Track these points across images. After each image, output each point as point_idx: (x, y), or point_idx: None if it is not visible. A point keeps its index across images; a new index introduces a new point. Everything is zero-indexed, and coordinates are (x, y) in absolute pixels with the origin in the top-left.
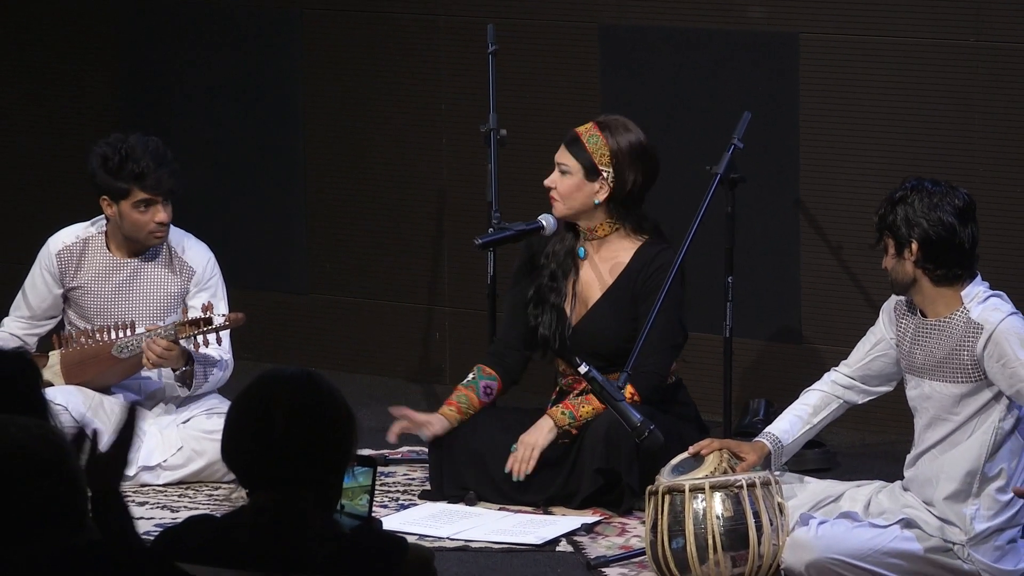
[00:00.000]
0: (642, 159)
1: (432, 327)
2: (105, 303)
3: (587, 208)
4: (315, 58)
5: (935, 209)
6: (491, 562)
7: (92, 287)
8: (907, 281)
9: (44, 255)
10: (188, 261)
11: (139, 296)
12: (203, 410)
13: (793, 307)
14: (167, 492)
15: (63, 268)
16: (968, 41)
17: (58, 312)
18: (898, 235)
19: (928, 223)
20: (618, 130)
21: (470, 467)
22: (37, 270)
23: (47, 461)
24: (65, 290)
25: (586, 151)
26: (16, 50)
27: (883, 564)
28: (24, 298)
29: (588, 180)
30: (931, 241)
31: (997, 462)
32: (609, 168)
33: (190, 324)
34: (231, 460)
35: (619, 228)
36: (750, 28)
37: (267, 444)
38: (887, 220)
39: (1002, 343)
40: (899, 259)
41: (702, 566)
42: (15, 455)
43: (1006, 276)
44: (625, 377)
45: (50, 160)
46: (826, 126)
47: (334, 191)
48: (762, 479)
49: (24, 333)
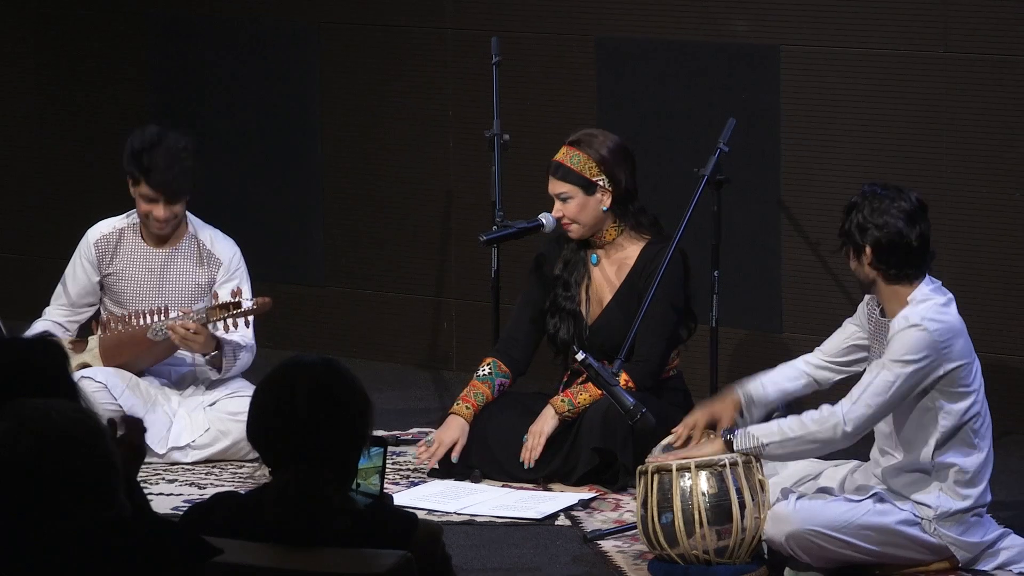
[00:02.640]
0: (623, 155)
1: (440, 317)
2: (138, 290)
3: (599, 218)
4: (332, 68)
5: (883, 214)
6: (495, 535)
7: (126, 274)
8: (868, 282)
9: (83, 245)
10: (216, 253)
11: (170, 284)
12: (227, 393)
13: (774, 299)
14: (195, 470)
15: (100, 256)
16: (937, 52)
17: (96, 300)
18: (853, 240)
19: (876, 227)
20: (591, 141)
21: (475, 447)
22: (77, 259)
23: (84, 443)
24: (102, 277)
25: (574, 172)
26: (59, 61)
27: (857, 535)
28: (64, 287)
29: (588, 195)
30: (881, 244)
31: (948, 455)
32: (601, 175)
33: (220, 308)
34: (256, 440)
35: (623, 229)
36: (735, 41)
37: (290, 425)
38: (843, 227)
39: (890, 344)
40: (858, 263)
41: (689, 539)
42: (57, 439)
43: (971, 278)
44: (619, 364)
45: (87, 162)
46: (805, 131)
47: (349, 191)
48: (744, 458)
49: (66, 320)
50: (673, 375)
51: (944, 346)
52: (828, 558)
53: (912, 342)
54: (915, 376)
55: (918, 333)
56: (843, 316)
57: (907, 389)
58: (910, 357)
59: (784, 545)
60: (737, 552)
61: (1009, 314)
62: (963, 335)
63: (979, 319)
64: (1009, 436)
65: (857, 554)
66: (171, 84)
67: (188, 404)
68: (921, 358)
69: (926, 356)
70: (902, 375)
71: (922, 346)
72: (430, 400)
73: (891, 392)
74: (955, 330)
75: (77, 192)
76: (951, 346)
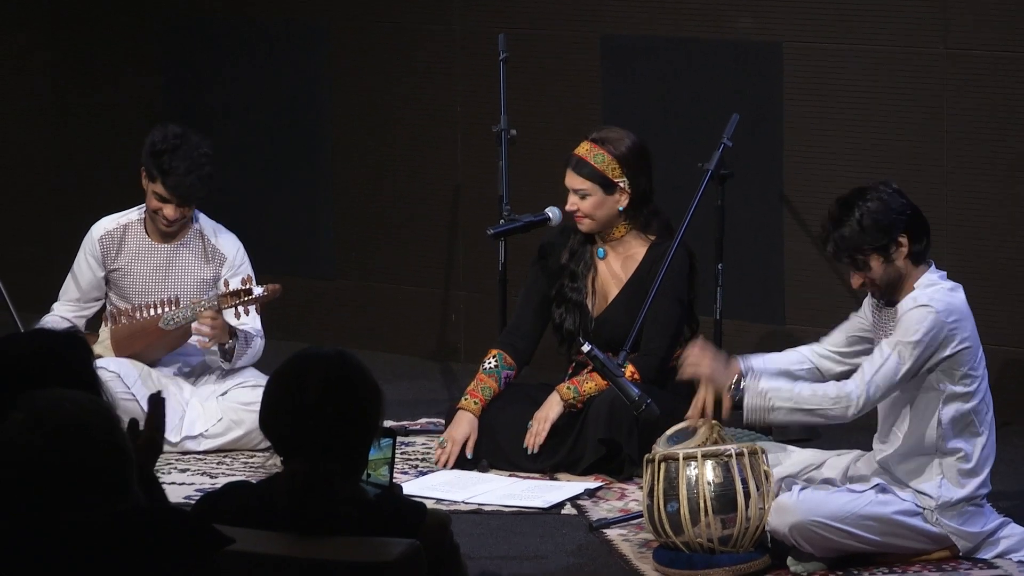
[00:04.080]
0: (644, 157)
1: (448, 310)
2: (143, 285)
3: (613, 218)
4: (342, 65)
5: (883, 205)
6: (502, 524)
7: (131, 269)
8: (893, 279)
9: (88, 241)
10: (220, 248)
11: (175, 279)
12: (239, 383)
13: (777, 292)
14: (207, 459)
15: (105, 252)
16: (937, 49)
17: (102, 294)
18: (881, 245)
19: (898, 214)
20: (615, 141)
21: (482, 440)
22: (82, 255)
23: (98, 434)
24: (107, 272)
25: (596, 169)
26: (74, 59)
27: (859, 526)
28: (71, 283)
29: (607, 194)
30: (912, 224)
31: (952, 440)
32: (623, 177)
33: (231, 295)
34: (268, 430)
35: (632, 228)
36: (738, 38)
37: (302, 415)
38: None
39: (899, 324)
40: (888, 263)
41: (694, 528)
42: (71, 429)
43: (971, 270)
44: (624, 356)
45: (100, 158)
46: (807, 127)
47: (359, 186)
48: (750, 449)
49: (73, 315)
50: (677, 366)
51: (951, 326)
52: (831, 548)
53: (921, 321)
54: (924, 355)
55: (926, 312)
56: (845, 308)
57: (916, 369)
58: (918, 337)
59: (788, 535)
60: (741, 541)
61: (1009, 306)
62: (970, 319)
63: (980, 311)
64: (1008, 427)
65: (859, 544)
66: (183, 81)
67: (201, 394)
68: (930, 337)
69: (934, 335)
70: (911, 355)
71: (930, 325)
72: (439, 391)
73: (901, 373)
74: (962, 312)
75: (91, 187)
76: (957, 326)
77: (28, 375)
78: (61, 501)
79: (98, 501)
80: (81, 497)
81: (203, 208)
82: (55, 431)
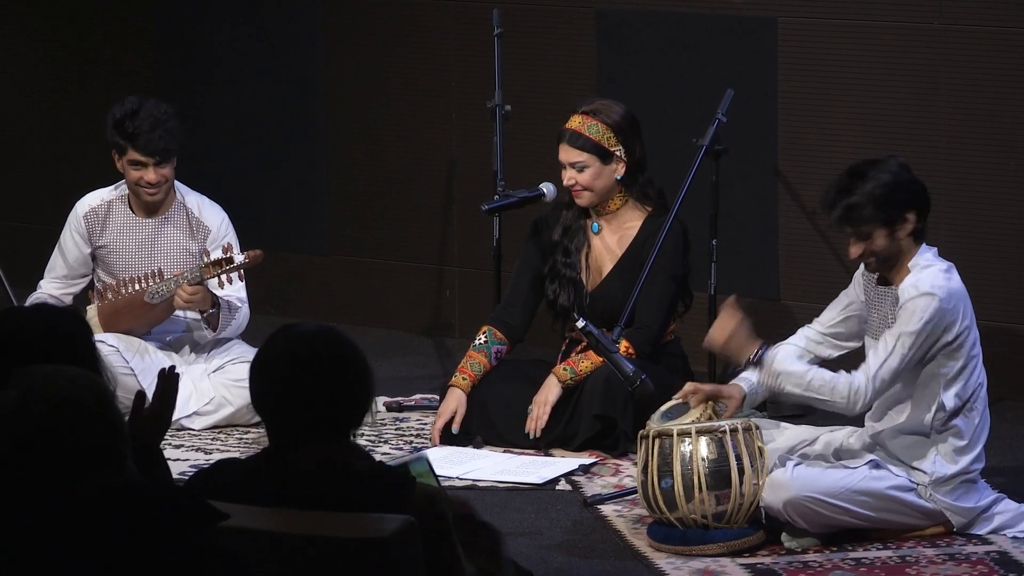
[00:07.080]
0: (635, 124)
1: (442, 286)
2: (129, 260)
3: (611, 187)
4: (336, 38)
5: (896, 176)
6: (497, 499)
7: (116, 245)
8: (893, 253)
9: (72, 218)
10: (204, 221)
11: (161, 253)
12: (230, 359)
13: (771, 267)
14: (201, 436)
15: (90, 228)
16: (932, 24)
17: (89, 271)
18: (889, 218)
19: (906, 189)
20: (607, 111)
21: (475, 416)
22: (67, 232)
23: (92, 409)
24: (93, 249)
25: (592, 141)
26: (67, 34)
27: (853, 501)
28: (57, 260)
29: (605, 164)
30: (919, 199)
31: (949, 418)
32: (619, 146)
33: (213, 265)
34: (258, 407)
35: (628, 199)
36: (733, 13)
37: (290, 392)
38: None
39: (901, 313)
40: (891, 238)
41: (688, 504)
42: (64, 405)
43: (966, 245)
44: (619, 331)
45: (93, 133)
46: (802, 102)
47: (353, 161)
48: (744, 425)
49: (60, 292)
50: (671, 340)
51: (952, 313)
52: (825, 524)
53: (924, 309)
54: (927, 343)
55: (930, 300)
56: (839, 283)
57: (920, 357)
58: (922, 326)
59: (782, 511)
60: (735, 517)
61: (1004, 281)
62: (966, 300)
63: (974, 286)
64: (1002, 402)
65: (853, 519)
66: (176, 55)
67: (192, 372)
68: (932, 326)
69: (937, 322)
70: (915, 344)
71: (933, 313)
72: (433, 367)
73: (905, 363)
74: (960, 295)
75: (84, 162)
76: (958, 310)
77: (31, 349)
78: (54, 476)
79: (91, 476)
80: (74, 472)
81: (197, 183)
82: (49, 406)
